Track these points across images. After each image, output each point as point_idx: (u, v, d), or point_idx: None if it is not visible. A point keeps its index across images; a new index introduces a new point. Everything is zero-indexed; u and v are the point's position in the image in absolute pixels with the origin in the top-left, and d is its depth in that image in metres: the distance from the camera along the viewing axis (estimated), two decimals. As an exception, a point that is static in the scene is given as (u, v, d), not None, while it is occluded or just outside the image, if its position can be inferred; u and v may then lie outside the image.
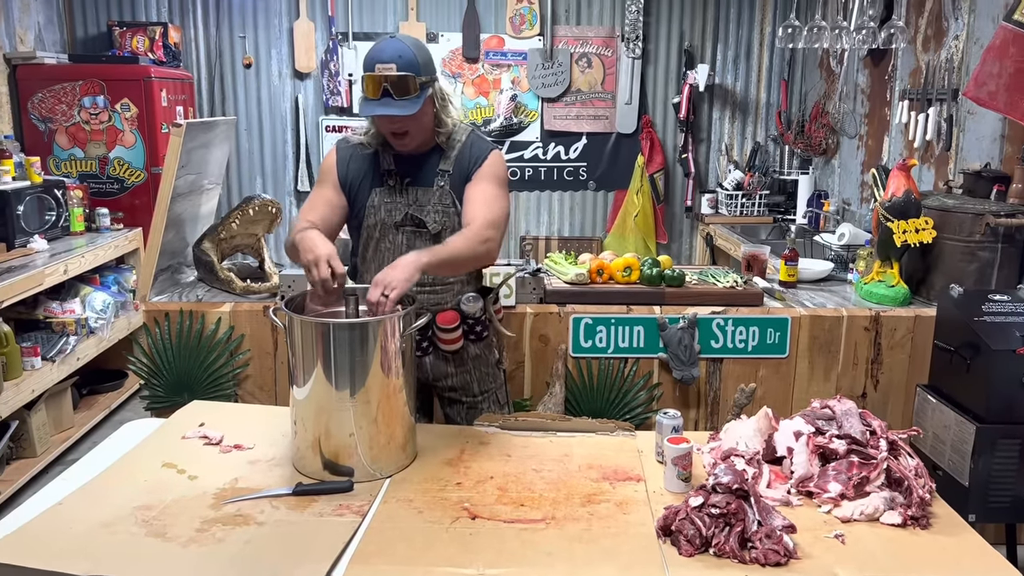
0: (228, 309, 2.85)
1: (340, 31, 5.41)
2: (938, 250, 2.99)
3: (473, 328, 2.34)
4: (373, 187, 2.25)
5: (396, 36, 2.13)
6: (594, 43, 5.53)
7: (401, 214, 2.22)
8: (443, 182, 2.22)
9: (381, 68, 2.06)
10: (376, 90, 2.07)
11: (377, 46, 2.10)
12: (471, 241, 2.07)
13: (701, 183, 5.73)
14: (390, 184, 2.23)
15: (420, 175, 2.24)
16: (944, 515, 1.75)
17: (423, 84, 2.09)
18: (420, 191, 2.22)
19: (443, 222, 2.22)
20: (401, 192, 2.23)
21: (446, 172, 2.22)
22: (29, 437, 3.60)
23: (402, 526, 1.66)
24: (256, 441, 2.04)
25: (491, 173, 2.21)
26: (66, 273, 3.78)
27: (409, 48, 2.08)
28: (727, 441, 1.98)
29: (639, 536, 1.64)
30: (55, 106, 4.65)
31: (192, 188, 3.25)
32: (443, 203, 2.22)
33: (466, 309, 2.31)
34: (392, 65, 2.05)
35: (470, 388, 2.39)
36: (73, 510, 1.70)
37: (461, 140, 2.24)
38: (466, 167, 2.21)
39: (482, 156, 2.22)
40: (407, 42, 2.10)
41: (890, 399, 2.94)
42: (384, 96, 2.06)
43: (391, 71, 2.05)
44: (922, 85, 3.85)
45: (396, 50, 2.07)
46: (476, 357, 2.38)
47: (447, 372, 2.36)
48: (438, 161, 2.23)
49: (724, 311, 2.89)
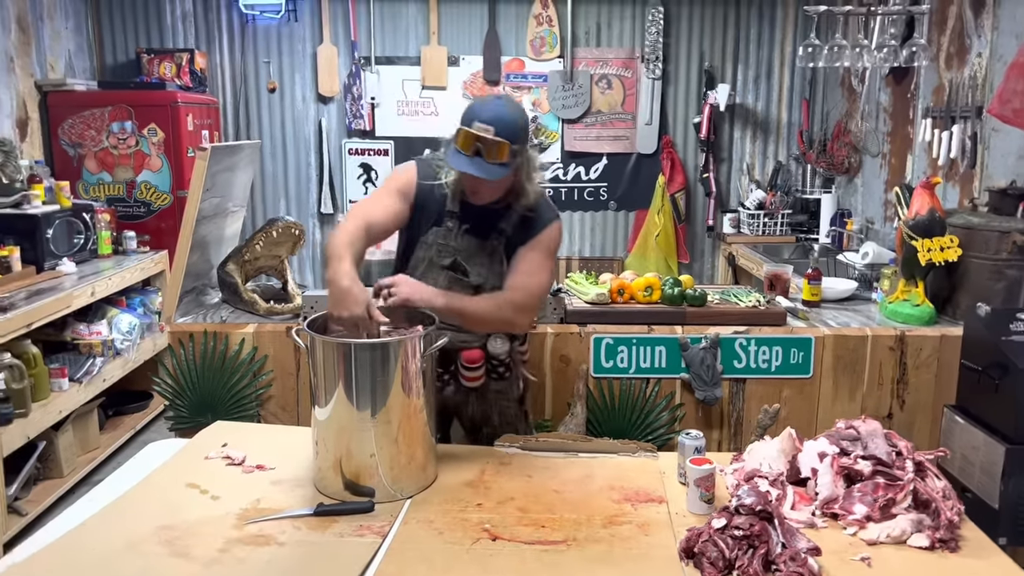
0: (252, 330, 2.88)
1: (363, 55, 5.48)
2: (964, 268, 2.96)
3: (496, 368, 2.33)
4: (433, 224, 2.22)
5: (503, 97, 2.11)
6: (614, 64, 5.56)
7: (449, 259, 2.19)
8: (498, 241, 2.19)
9: (479, 127, 2.00)
10: (468, 146, 2.01)
11: (481, 102, 2.07)
12: (500, 308, 2.08)
13: (723, 203, 5.71)
14: (448, 226, 2.20)
15: (479, 226, 2.19)
16: (973, 538, 1.72)
17: (515, 152, 2.05)
18: (474, 241, 2.19)
19: (487, 277, 2.19)
20: (456, 237, 2.19)
21: (503, 232, 2.19)
22: (56, 458, 3.63)
23: (422, 547, 1.66)
24: (278, 461, 2.04)
25: (545, 243, 2.18)
26: (93, 295, 3.83)
27: (511, 114, 2.04)
28: (750, 462, 1.96)
29: (661, 558, 1.63)
30: (84, 132, 4.74)
31: (217, 211, 3.29)
32: (491, 259, 2.19)
33: (492, 349, 2.30)
34: (491, 128, 2.00)
35: (490, 419, 2.38)
36: (97, 530, 1.71)
37: (528, 204, 2.18)
38: (524, 233, 2.17)
39: (542, 226, 2.18)
40: (510, 107, 2.07)
41: (917, 420, 2.90)
42: (475, 155, 2.02)
43: (488, 133, 2.00)
44: (945, 103, 3.83)
45: (498, 113, 2.02)
46: (498, 392, 2.37)
47: (467, 403, 2.36)
48: (500, 219, 2.19)
49: (747, 331, 2.87)
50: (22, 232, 3.78)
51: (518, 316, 2.14)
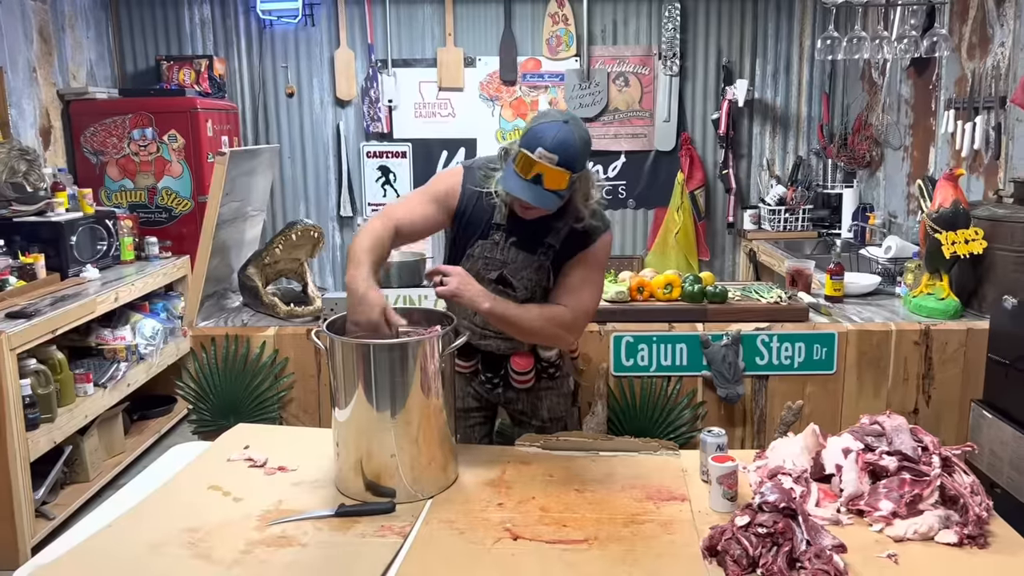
0: (272, 333, 2.89)
1: (379, 59, 5.50)
2: (989, 261, 2.91)
3: (546, 370, 2.31)
4: (480, 237, 2.15)
5: (570, 121, 1.96)
6: (631, 62, 5.54)
7: (496, 272, 2.14)
8: (546, 257, 2.13)
9: (542, 154, 1.91)
10: (528, 171, 1.93)
11: (545, 126, 1.94)
12: (548, 322, 2.04)
13: (743, 199, 5.68)
14: (495, 239, 2.13)
15: (526, 239, 2.12)
16: (1003, 534, 1.69)
17: (572, 182, 1.97)
18: (522, 255, 2.12)
19: (532, 290, 2.15)
20: (503, 250, 2.13)
21: (552, 247, 2.12)
22: (82, 462, 3.67)
23: (444, 547, 1.65)
24: (299, 463, 2.05)
25: (595, 258, 2.13)
26: (117, 301, 3.87)
27: (575, 143, 1.93)
28: (773, 459, 1.94)
29: (684, 557, 1.61)
30: (106, 139, 4.80)
31: (236, 215, 3.31)
32: (539, 274, 2.14)
33: (543, 353, 2.28)
34: (555, 156, 1.90)
35: (539, 413, 2.36)
36: (121, 532, 1.72)
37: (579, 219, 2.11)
38: (571, 247, 2.12)
39: (592, 241, 2.12)
40: (576, 133, 1.95)
41: (943, 415, 2.86)
42: (534, 181, 1.93)
43: (551, 162, 1.91)
44: (968, 93, 3.78)
45: (564, 141, 1.91)
46: (548, 388, 2.35)
47: (517, 399, 2.34)
48: (548, 232, 2.11)
49: (769, 327, 2.85)
50: (46, 239, 3.82)
51: (566, 333, 2.09)
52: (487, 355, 2.28)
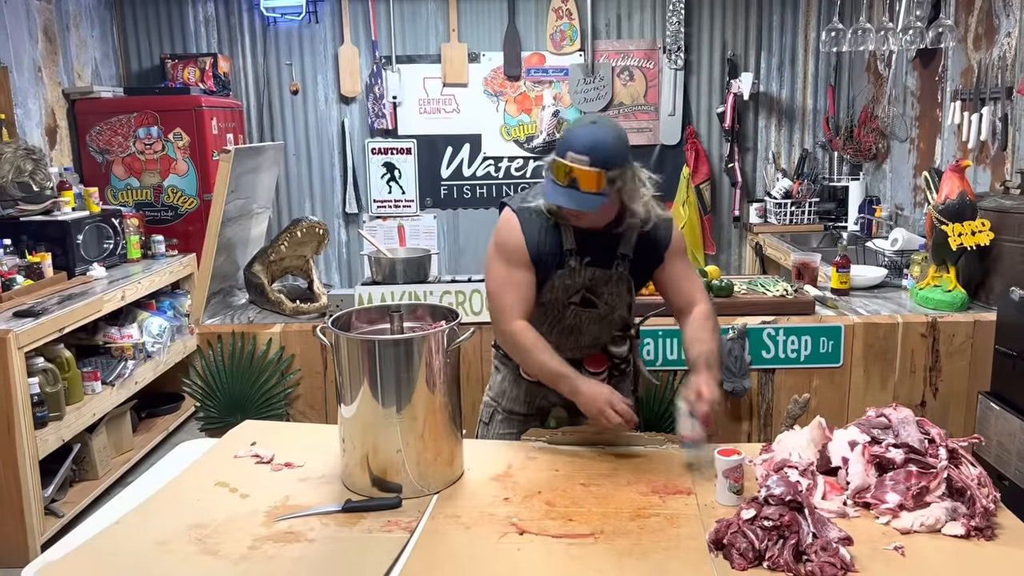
0: (278, 330, 2.90)
1: (384, 55, 5.50)
2: (996, 252, 2.90)
3: (618, 366, 2.31)
4: (557, 267, 2.13)
5: (598, 121, 2.01)
6: (635, 56, 5.52)
7: (577, 295, 2.15)
8: (622, 267, 2.14)
9: (573, 157, 1.94)
10: (563, 176, 1.95)
11: (576, 130, 1.99)
12: (716, 324, 2.17)
13: (749, 192, 5.66)
14: (571, 265, 2.13)
15: (599, 255, 2.13)
16: (1011, 526, 1.68)
17: (612, 179, 1.96)
18: (598, 272, 2.13)
19: (614, 304, 2.17)
20: (580, 272, 2.13)
21: (626, 256, 2.13)
22: (91, 459, 3.69)
23: (450, 542, 1.66)
24: (306, 459, 2.05)
25: (679, 249, 2.21)
26: (124, 299, 3.88)
27: (606, 141, 1.96)
28: (780, 452, 1.94)
29: (690, 550, 1.61)
30: (112, 138, 4.81)
31: (242, 212, 3.32)
32: (618, 287, 2.15)
33: (614, 351, 2.27)
34: (585, 158, 1.93)
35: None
36: (129, 529, 1.73)
37: (642, 219, 2.11)
38: (647, 252, 2.14)
39: (667, 239, 2.16)
40: (605, 131, 1.98)
41: (951, 407, 2.85)
42: (570, 186, 1.95)
43: (582, 163, 1.93)
44: (974, 84, 3.76)
45: (592, 142, 1.94)
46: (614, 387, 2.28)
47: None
48: (618, 244, 2.13)
49: (775, 320, 2.84)
50: (53, 238, 3.84)
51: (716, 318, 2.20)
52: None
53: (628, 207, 2.06)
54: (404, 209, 5.72)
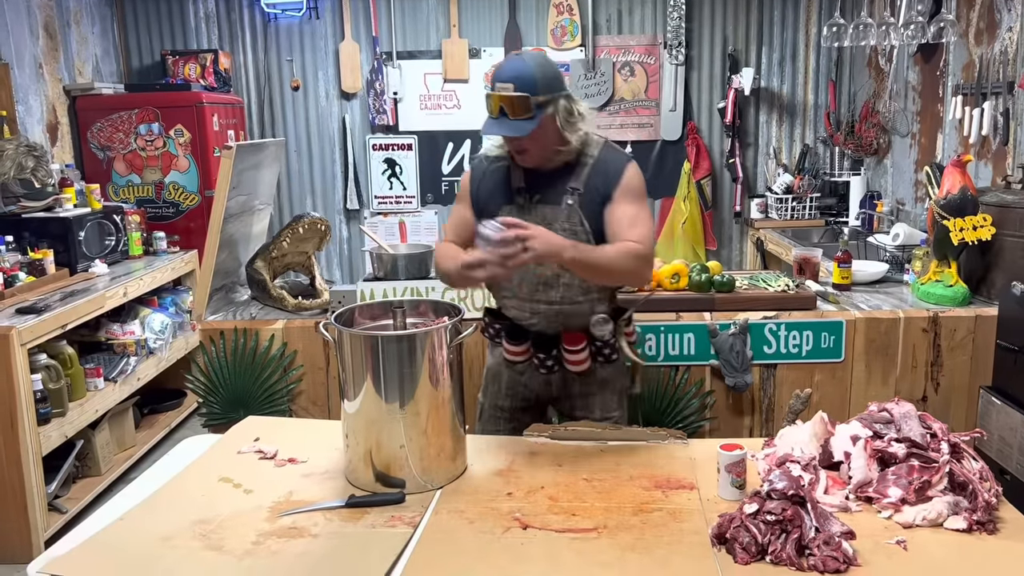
0: (281, 326, 2.90)
1: (384, 51, 5.50)
2: (998, 247, 2.90)
3: (601, 351, 2.25)
4: (503, 204, 2.18)
5: (522, 54, 2.09)
6: (636, 51, 5.52)
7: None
8: (572, 200, 2.13)
9: (499, 86, 2.02)
10: (494, 108, 2.04)
11: (502, 63, 2.09)
12: (624, 256, 2.03)
13: (750, 188, 5.66)
14: (519, 202, 2.16)
15: (550, 192, 2.15)
16: (1012, 520, 1.69)
17: (540, 104, 2.02)
18: (548, 209, 2.14)
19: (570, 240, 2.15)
20: (530, 210, 2.14)
21: (576, 190, 2.13)
22: (94, 456, 3.70)
23: (454, 537, 1.66)
24: (309, 455, 2.06)
25: (632, 190, 2.13)
26: (126, 296, 3.89)
27: (529, 66, 2.03)
28: (782, 447, 1.94)
29: (693, 544, 1.62)
30: (113, 134, 4.81)
31: (243, 209, 3.32)
32: (571, 221, 2.13)
33: (595, 332, 2.22)
34: (509, 85, 2.00)
35: (592, 410, 2.31)
36: (133, 525, 1.74)
37: (593, 156, 2.15)
38: (599, 185, 2.13)
39: (617, 172, 2.13)
40: (529, 61, 2.05)
41: (952, 402, 2.86)
42: (501, 115, 2.03)
43: (507, 91, 2.00)
44: (976, 79, 3.76)
45: (515, 69, 2.02)
46: (603, 381, 2.30)
47: (572, 392, 2.30)
48: (567, 177, 2.15)
49: (776, 316, 2.84)
50: (55, 235, 3.84)
51: (643, 265, 2.08)
52: (538, 337, 2.24)
53: (560, 136, 2.09)
54: (405, 205, 5.72)
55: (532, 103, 2.01)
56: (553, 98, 2.05)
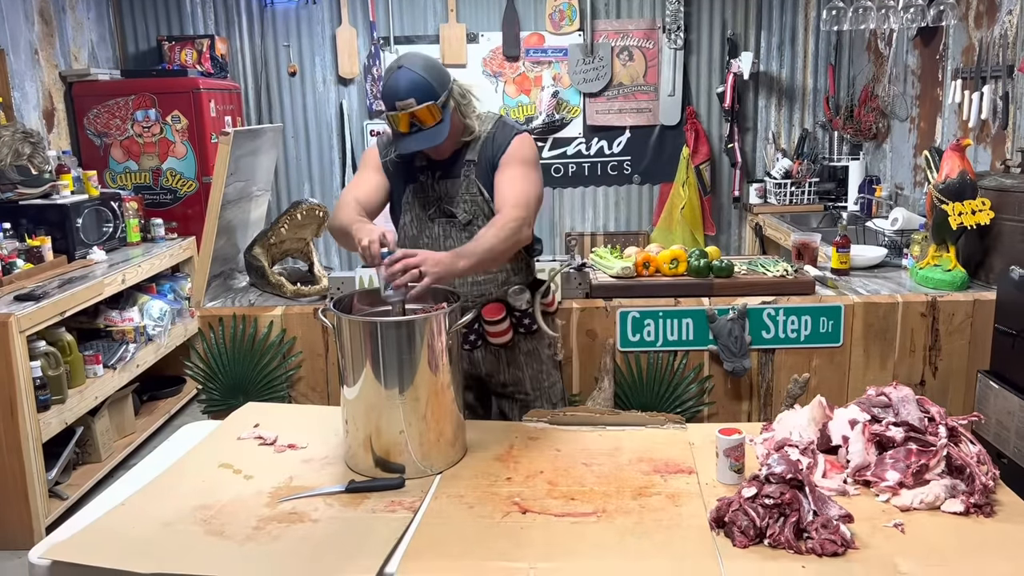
0: (280, 313, 2.90)
1: (381, 36, 5.47)
2: (996, 231, 2.90)
3: (521, 321, 2.34)
4: (408, 183, 2.29)
5: (404, 65, 2.10)
6: (635, 36, 5.49)
7: (433, 207, 2.27)
8: (469, 172, 2.24)
9: (401, 104, 2.07)
10: (404, 125, 2.10)
11: (390, 83, 2.10)
12: (500, 229, 2.07)
13: (748, 173, 5.65)
14: (422, 180, 2.28)
15: (450, 168, 2.27)
16: (1010, 503, 1.70)
17: (443, 104, 2.11)
18: (449, 183, 2.26)
19: (472, 211, 2.25)
20: (432, 187, 2.27)
21: (472, 162, 2.25)
22: (94, 442, 3.70)
23: (453, 521, 1.67)
24: (309, 440, 2.07)
25: (516, 156, 2.22)
26: (124, 283, 3.88)
27: (421, 75, 2.08)
28: (780, 432, 1.95)
29: (692, 528, 1.62)
30: (109, 121, 4.79)
31: (241, 195, 3.32)
32: (470, 192, 2.24)
33: (512, 302, 2.31)
34: (411, 100, 2.06)
35: (522, 385, 2.39)
36: (135, 510, 1.74)
37: (487, 129, 2.26)
38: (490, 155, 2.24)
39: (505, 142, 2.23)
40: (417, 68, 2.09)
41: (950, 386, 2.86)
42: (413, 130, 2.10)
43: (411, 106, 2.06)
44: (975, 63, 3.74)
45: (410, 83, 2.07)
46: (528, 353, 2.37)
47: (499, 368, 2.36)
48: (464, 151, 2.26)
49: (775, 301, 2.84)
50: (52, 222, 3.83)
51: (520, 228, 2.11)
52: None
53: (463, 124, 2.21)
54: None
55: (438, 108, 2.08)
56: (449, 93, 2.13)
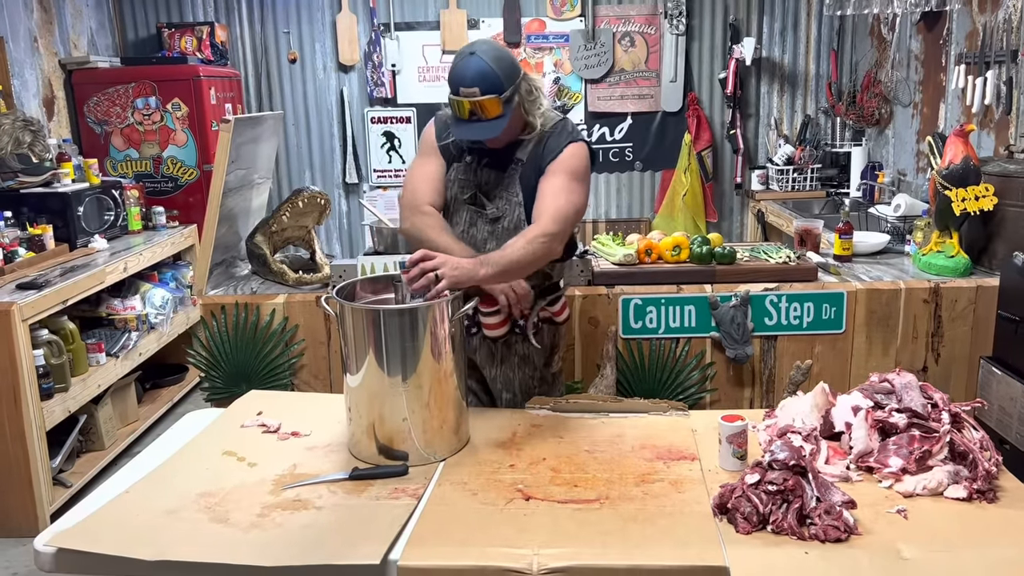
0: (282, 300, 2.90)
1: (382, 22, 5.44)
2: (1000, 217, 2.89)
3: (517, 322, 2.27)
4: (455, 161, 2.25)
5: (476, 52, 2.05)
6: (636, 21, 5.46)
7: (469, 193, 2.23)
8: (515, 170, 2.18)
9: (465, 92, 2.03)
10: (463, 112, 2.06)
11: (459, 67, 2.06)
12: (530, 243, 2.03)
13: (751, 159, 5.63)
14: (468, 160, 2.23)
15: (497, 158, 2.21)
16: (1012, 488, 1.70)
17: (507, 100, 2.05)
18: (492, 174, 2.21)
19: (504, 209, 2.19)
20: (476, 171, 2.22)
21: (520, 160, 2.18)
22: (97, 430, 3.71)
23: (457, 508, 1.67)
24: (312, 428, 2.07)
25: (565, 166, 2.13)
26: (126, 271, 3.88)
27: (490, 66, 2.03)
28: (783, 418, 1.95)
29: (695, 514, 1.63)
30: (110, 108, 4.78)
31: (243, 183, 3.31)
32: (508, 190, 2.18)
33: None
34: (475, 89, 2.02)
35: (511, 386, 2.33)
36: (139, 498, 1.75)
37: (545, 130, 2.18)
38: (539, 159, 2.16)
39: (558, 148, 2.15)
40: (488, 57, 2.04)
41: (952, 372, 2.86)
42: (472, 118, 2.06)
43: (475, 95, 2.02)
44: (979, 48, 3.72)
45: (478, 72, 2.02)
46: (523, 357, 2.31)
47: (491, 363, 2.32)
48: (516, 147, 2.19)
49: (777, 287, 2.84)
50: (54, 210, 3.83)
51: (551, 244, 2.07)
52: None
53: (525, 121, 2.15)
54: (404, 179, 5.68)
55: (501, 101, 2.04)
56: (516, 87, 2.08)
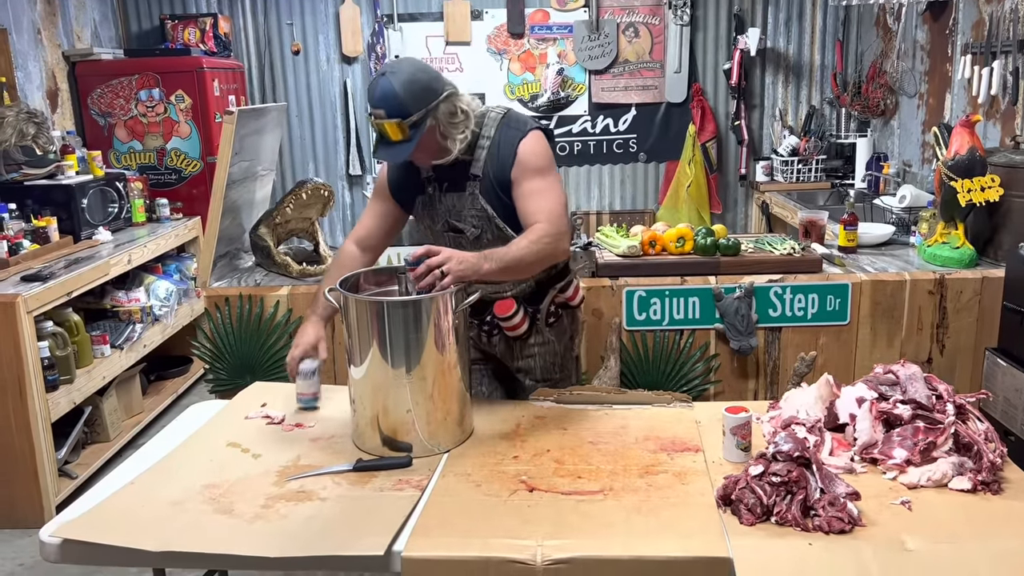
0: (285, 292, 2.91)
1: (385, 13, 5.43)
2: (1006, 208, 2.88)
3: (534, 315, 2.26)
4: (416, 195, 2.21)
5: (387, 73, 1.97)
6: (641, 12, 5.44)
7: (441, 221, 2.19)
8: (474, 187, 2.13)
9: (373, 112, 1.99)
10: (377, 131, 2.02)
11: (370, 86, 2.01)
12: (534, 243, 2.00)
13: (755, 150, 5.61)
14: (429, 192, 2.19)
15: (455, 181, 2.15)
16: (1017, 480, 1.70)
17: (414, 124, 1.96)
18: (455, 197, 2.15)
19: (480, 226, 2.15)
20: (440, 199, 2.17)
21: (476, 177, 2.12)
22: (102, 422, 3.72)
23: (461, 499, 1.68)
24: (316, 420, 2.08)
25: (529, 167, 2.08)
26: (130, 263, 3.88)
27: (395, 90, 1.94)
28: (787, 410, 1.95)
29: (699, 506, 1.63)
30: (113, 100, 4.77)
31: (246, 175, 3.31)
32: (475, 208, 2.14)
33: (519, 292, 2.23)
34: (381, 111, 1.96)
35: (533, 372, 2.32)
36: (144, 489, 1.76)
37: (489, 137, 2.11)
38: (496, 170, 2.10)
39: (511, 153, 2.08)
40: (397, 80, 1.95)
41: (957, 364, 2.86)
42: (384, 140, 2.00)
43: (381, 117, 1.96)
44: (985, 38, 3.70)
45: (383, 94, 1.95)
46: (544, 344, 2.29)
47: (511, 355, 2.30)
48: (468, 164, 2.13)
49: (781, 279, 2.83)
50: (58, 203, 3.83)
51: (554, 241, 2.04)
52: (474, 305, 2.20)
53: (441, 147, 2.06)
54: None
55: (405, 126, 1.95)
56: (427, 112, 1.98)
